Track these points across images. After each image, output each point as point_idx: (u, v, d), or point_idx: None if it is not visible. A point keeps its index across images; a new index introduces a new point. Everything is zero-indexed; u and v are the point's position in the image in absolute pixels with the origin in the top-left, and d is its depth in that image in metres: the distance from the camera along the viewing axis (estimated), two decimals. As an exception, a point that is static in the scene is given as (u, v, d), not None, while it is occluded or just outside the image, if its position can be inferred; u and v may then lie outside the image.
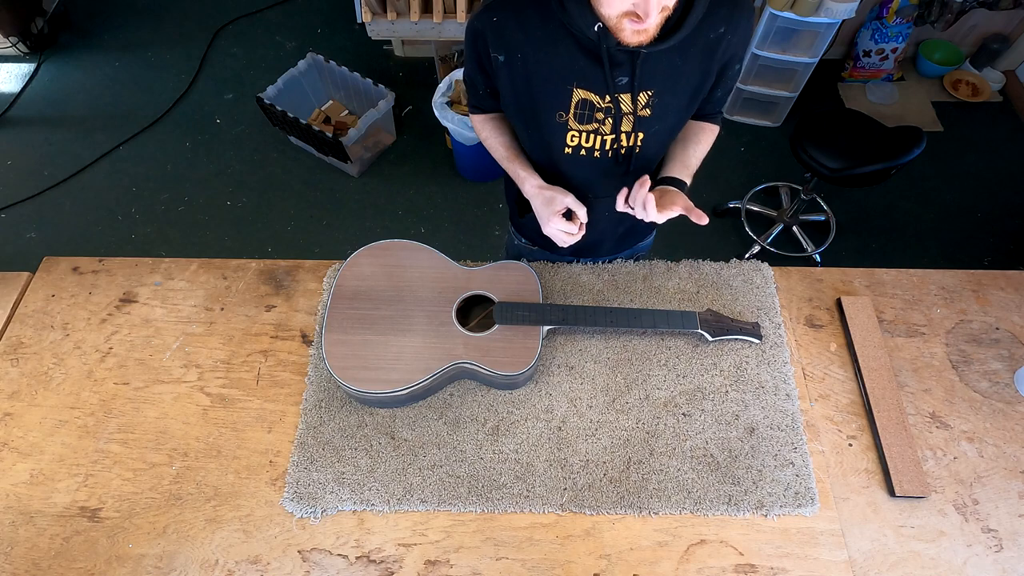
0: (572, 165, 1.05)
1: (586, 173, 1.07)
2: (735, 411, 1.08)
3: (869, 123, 2.07)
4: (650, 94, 0.94)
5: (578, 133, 1.00)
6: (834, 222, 2.51)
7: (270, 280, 1.25)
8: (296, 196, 2.63)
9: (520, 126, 1.07)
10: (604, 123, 0.98)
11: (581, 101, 0.95)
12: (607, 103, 0.95)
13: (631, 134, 0.99)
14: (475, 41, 0.97)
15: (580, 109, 0.96)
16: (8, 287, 1.23)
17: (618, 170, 1.06)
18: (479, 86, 1.07)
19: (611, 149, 1.02)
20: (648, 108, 0.96)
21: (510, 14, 0.91)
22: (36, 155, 2.72)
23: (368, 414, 1.08)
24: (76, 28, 3.18)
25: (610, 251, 1.32)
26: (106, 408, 1.10)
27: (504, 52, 0.94)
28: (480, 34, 0.95)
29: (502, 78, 0.98)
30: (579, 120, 0.98)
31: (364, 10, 2.41)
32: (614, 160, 1.04)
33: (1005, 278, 1.26)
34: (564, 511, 1.00)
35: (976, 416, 1.09)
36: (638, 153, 1.03)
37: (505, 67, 0.96)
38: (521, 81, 0.96)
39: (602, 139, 1.00)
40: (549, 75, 0.94)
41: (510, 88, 0.99)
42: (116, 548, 0.97)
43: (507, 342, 1.06)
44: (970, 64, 2.99)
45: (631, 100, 0.94)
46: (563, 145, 1.02)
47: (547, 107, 0.97)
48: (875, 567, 0.96)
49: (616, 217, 1.18)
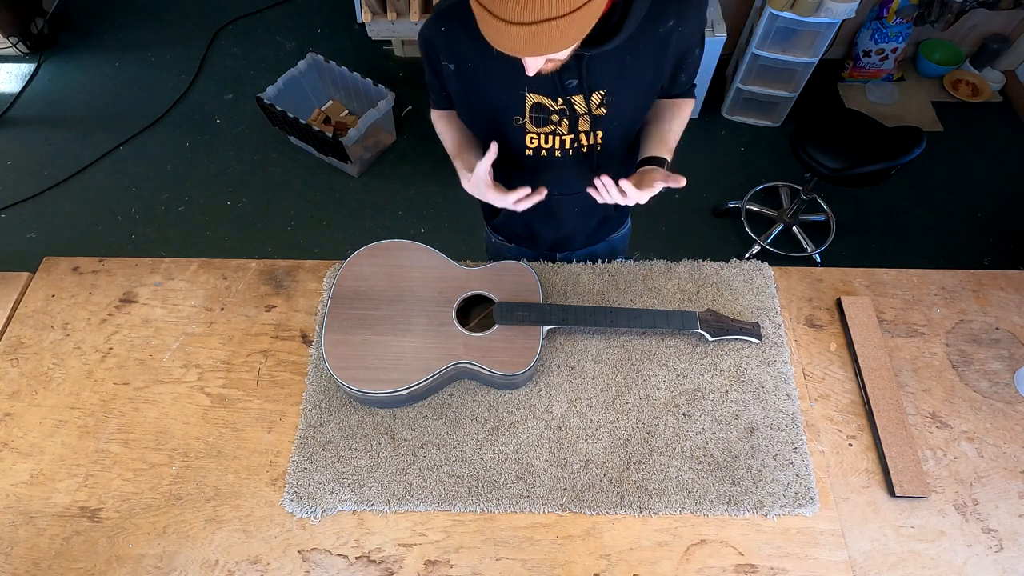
0: (535, 165, 1.06)
1: (551, 172, 1.07)
2: (735, 411, 1.08)
3: (869, 123, 2.07)
4: (603, 94, 0.94)
5: (536, 135, 1.00)
6: (834, 222, 2.51)
7: (270, 280, 1.25)
8: (296, 196, 2.63)
9: (479, 131, 1.07)
10: (560, 124, 0.98)
11: (535, 105, 0.95)
12: (560, 105, 0.95)
13: (590, 133, 0.99)
14: (427, 49, 0.97)
15: (535, 112, 0.96)
16: (8, 287, 1.23)
17: (584, 167, 1.06)
18: (436, 90, 1.08)
19: (572, 148, 1.02)
20: (603, 107, 0.95)
21: (457, 23, 0.91)
22: (36, 155, 2.72)
23: (368, 414, 1.08)
24: (76, 28, 3.18)
25: (585, 243, 1.32)
26: (106, 408, 1.10)
27: (454, 61, 0.94)
28: (431, 43, 0.95)
29: (453, 86, 0.99)
30: (536, 123, 0.98)
31: (364, 10, 2.41)
32: (576, 158, 1.04)
33: (1005, 278, 1.26)
34: (564, 511, 1.00)
35: (976, 416, 1.09)
36: (600, 150, 1.03)
37: (455, 76, 0.96)
38: (474, 89, 0.97)
39: (561, 139, 1.00)
40: (500, 82, 0.94)
41: (463, 95, 0.99)
42: (116, 548, 0.97)
43: (507, 342, 1.06)
44: (970, 64, 2.99)
45: (584, 101, 0.94)
46: (523, 147, 1.02)
47: (503, 112, 0.97)
48: (875, 567, 0.96)
49: (587, 211, 1.19)
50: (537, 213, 1.19)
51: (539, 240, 1.30)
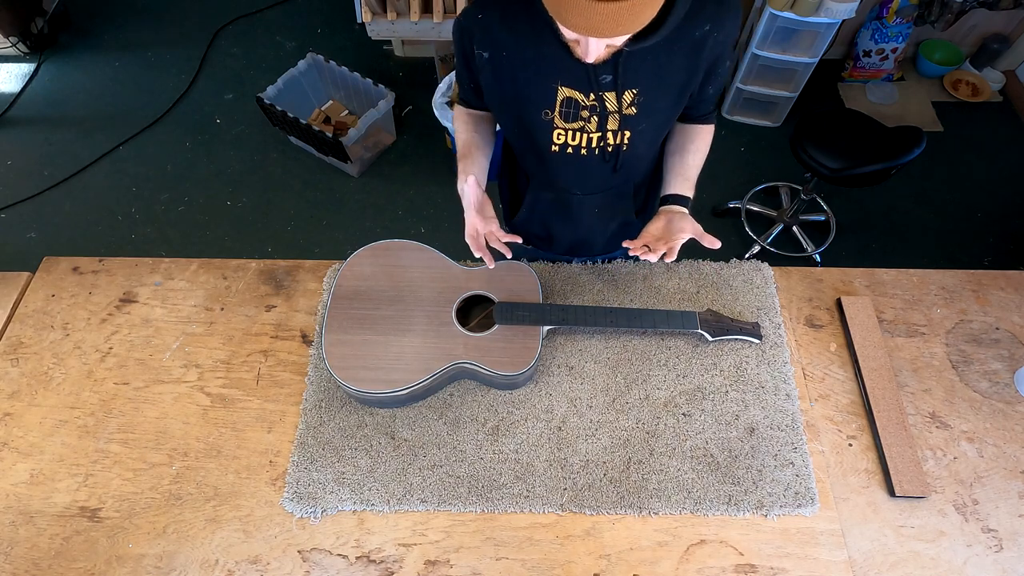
0: (559, 163, 1.05)
1: (573, 171, 1.07)
2: (735, 411, 1.08)
3: (869, 123, 2.07)
4: (635, 92, 0.94)
5: (564, 131, 1.00)
6: (834, 222, 2.51)
7: (270, 280, 1.25)
8: (296, 196, 2.63)
9: (507, 124, 1.07)
10: (590, 121, 0.98)
11: (566, 99, 0.95)
12: (592, 101, 0.95)
13: (617, 132, 0.99)
14: (461, 38, 0.97)
15: (565, 107, 0.96)
16: (8, 287, 1.23)
17: (605, 168, 1.06)
18: (464, 82, 1.08)
19: (598, 147, 1.02)
20: (634, 106, 0.96)
21: (496, 12, 0.91)
22: (36, 155, 2.72)
23: (368, 414, 1.08)
24: (76, 28, 3.18)
25: (603, 250, 1.32)
26: (106, 408, 1.10)
27: (489, 49, 0.94)
28: (466, 31, 0.95)
29: (486, 75, 0.98)
30: (565, 118, 0.98)
31: (364, 10, 2.41)
32: (601, 158, 1.04)
33: (1005, 278, 1.26)
34: (564, 511, 1.00)
35: (976, 416, 1.09)
36: (625, 151, 1.03)
37: (489, 64, 0.96)
38: (507, 79, 0.97)
39: (588, 137, 1.00)
40: (534, 73, 0.94)
41: (495, 86, 0.99)
42: (116, 548, 0.97)
43: (507, 342, 1.06)
44: (970, 64, 2.98)
45: (616, 98, 0.94)
46: (550, 143, 1.02)
47: (533, 105, 0.97)
48: (875, 567, 0.96)
49: (606, 212, 1.18)
50: (555, 212, 1.19)
51: (556, 241, 1.29)
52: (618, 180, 1.10)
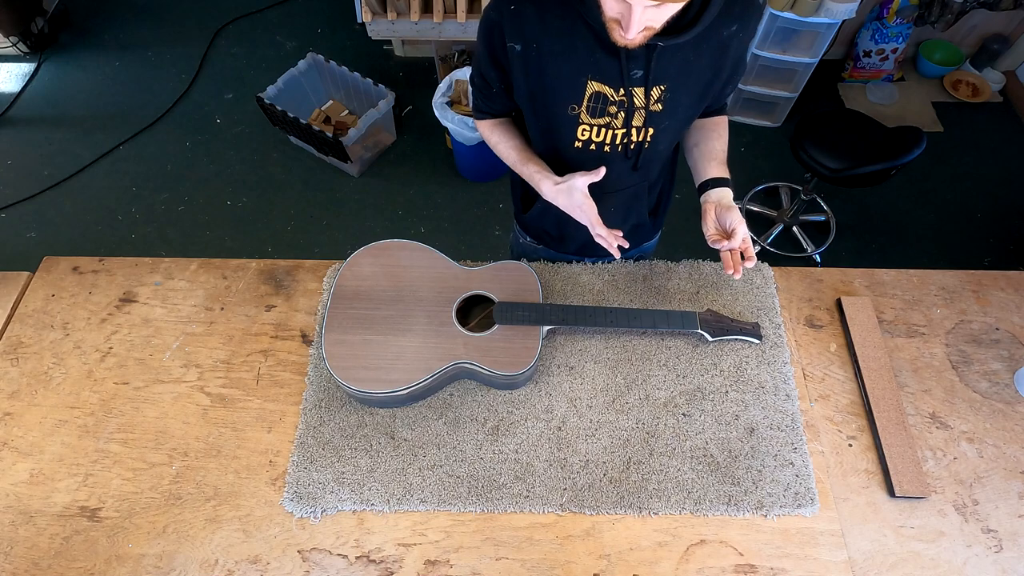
0: (580, 160, 1.05)
1: (593, 167, 1.07)
2: (735, 411, 1.08)
3: (869, 123, 2.07)
4: (663, 89, 0.94)
5: (589, 127, 0.99)
6: (834, 222, 2.52)
7: (270, 280, 1.25)
8: (296, 196, 2.63)
9: (531, 119, 1.06)
10: (616, 117, 0.98)
11: (595, 94, 0.95)
12: (620, 96, 0.95)
13: (642, 129, 0.99)
14: (490, 32, 0.95)
15: (593, 102, 0.96)
16: (8, 287, 1.23)
17: (625, 165, 1.06)
18: (492, 83, 1.04)
19: (621, 144, 1.02)
20: (660, 103, 0.96)
21: (529, 3, 0.91)
22: (36, 155, 2.72)
23: (368, 414, 1.08)
24: (76, 28, 3.18)
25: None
26: (106, 408, 1.10)
27: (521, 41, 0.93)
28: (496, 24, 0.94)
29: (515, 70, 0.97)
30: (591, 114, 0.98)
31: (364, 10, 2.41)
32: (623, 155, 1.04)
33: (1005, 278, 1.26)
34: (564, 511, 1.00)
35: (976, 416, 1.09)
36: (647, 148, 1.03)
37: (520, 58, 0.95)
38: (535, 73, 0.96)
39: (613, 133, 1.00)
40: (564, 67, 0.93)
41: (524, 79, 0.98)
42: (116, 548, 0.97)
43: (507, 342, 1.06)
44: (970, 64, 2.99)
45: (644, 94, 0.94)
46: (573, 139, 1.02)
47: (560, 100, 0.97)
48: (875, 567, 0.96)
49: (621, 211, 1.18)
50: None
51: (568, 240, 1.28)
52: (636, 179, 1.10)
